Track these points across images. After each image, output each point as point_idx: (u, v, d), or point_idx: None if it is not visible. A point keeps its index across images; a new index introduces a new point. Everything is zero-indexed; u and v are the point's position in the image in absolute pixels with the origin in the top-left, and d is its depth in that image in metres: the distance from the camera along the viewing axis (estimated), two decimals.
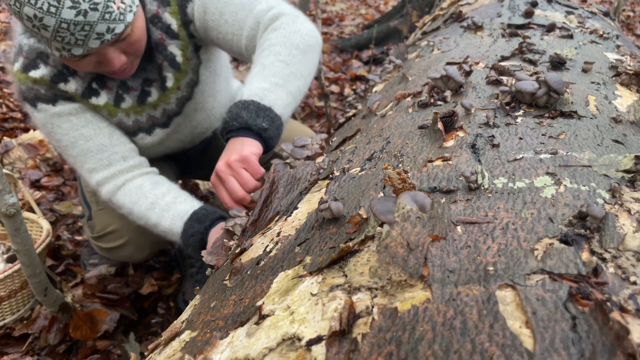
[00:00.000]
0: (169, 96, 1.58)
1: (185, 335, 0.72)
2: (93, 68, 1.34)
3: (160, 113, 1.60)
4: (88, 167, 1.49)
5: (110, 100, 1.49)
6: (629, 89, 1.27)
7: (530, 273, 0.58)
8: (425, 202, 0.71)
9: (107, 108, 1.50)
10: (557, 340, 0.48)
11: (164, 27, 1.46)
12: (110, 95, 1.49)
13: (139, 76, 1.52)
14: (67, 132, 1.45)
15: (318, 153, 1.25)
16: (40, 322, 1.70)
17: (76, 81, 1.43)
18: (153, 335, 1.76)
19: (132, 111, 1.55)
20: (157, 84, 1.55)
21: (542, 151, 0.86)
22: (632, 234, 0.62)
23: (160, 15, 1.45)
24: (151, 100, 1.56)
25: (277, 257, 0.79)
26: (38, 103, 1.42)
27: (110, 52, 1.30)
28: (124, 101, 1.52)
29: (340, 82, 4.06)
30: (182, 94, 1.61)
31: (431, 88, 1.28)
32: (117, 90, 1.50)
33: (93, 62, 1.32)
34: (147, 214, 1.48)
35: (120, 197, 1.50)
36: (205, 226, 1.43)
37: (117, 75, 1.41)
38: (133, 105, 1.54)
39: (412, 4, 4.95)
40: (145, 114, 1.58)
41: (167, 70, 1.53)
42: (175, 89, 1.57)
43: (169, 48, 1.50)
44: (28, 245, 1.34)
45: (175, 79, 1.56)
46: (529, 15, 1.91)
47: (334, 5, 7.06)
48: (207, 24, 1.46)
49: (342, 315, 0.56)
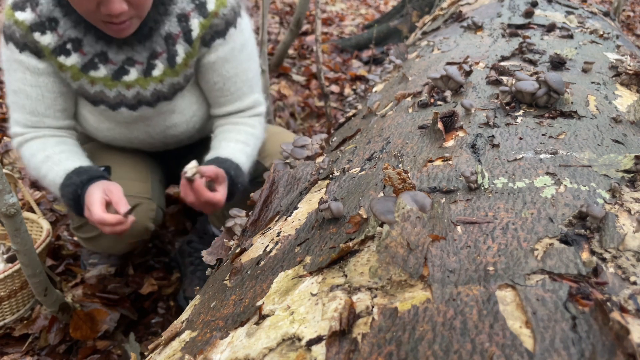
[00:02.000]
0: (149, 82, 1.59)
1: (185, 335, 0.72)
2: (93, 8, 1.33)
3: (132, 95, 1.60)
4: (15, 118, 1.56)
5: (78, 64, 1.51)
6: (629, 89, 1.27)
7: (530, 273, 0.58)
8: (425, 202, 0.71)
9: (72, 70, 1.51)
10: (557, 340, 0.48)
11: (185, 28, 1.53)
12: (81, 59, 1.51)
13: (125, 53, 1.53)
14: (16, 80, 1.51)
15: (318, 153, 1.25)
16: (40, 322, 1.70)
17: (52, 36, 1.45)
18: (153, 335, 1.76)
19: (102, 82, 1.55)
20: (142, 67, 1.56)
21: (542, 151, 0.86)
22: (632, 234, 0.62)
23: (190, 17, 1.53)
24: (127, 79, 1.56)
25: (277, 257, 0.79)
26: (10, 42, 1.46)
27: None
28: (97, 70, 1.53)
29: (340, 82, 4.06)
30: (162, 90, 1.62)
31: (431, 88, 1.28)
32: (93, 57, 1.51)
33: (95, 2, 1.31)
34: (40, 166, 1.53)
35: (26, 148, 1.56)
36: (82, 179, 1.47)
37: (112, 28, 1.41)
38: (105, 77, 1.54)
39: (412, 4, 4.95)
40: (116, 89, 1.58)
41: (161, 60, 1.55)
42: (158, 80, 1.59)
43: (177, 46, 1.55)
44: (28, 245, 1.34)
45: (163, 72, 1.58)
46: (529, 15, 1.91)
47: (334, 5, 7.06)
48: (209, 72, 1.63)
49: (342, 315, 0.56)
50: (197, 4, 1.53)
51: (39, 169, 1.53)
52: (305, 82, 3.96)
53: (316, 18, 2.62)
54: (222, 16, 1.55)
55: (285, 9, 6.11)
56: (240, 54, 1.64)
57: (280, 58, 4.02)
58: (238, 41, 1.62)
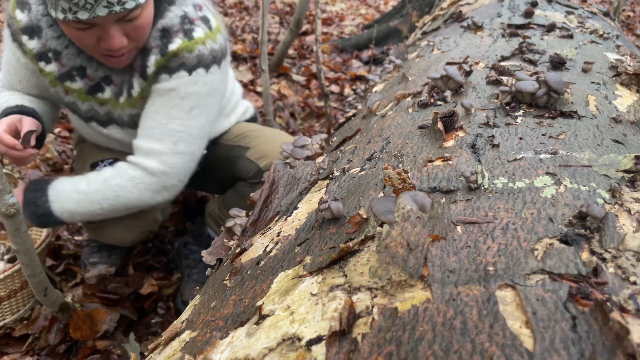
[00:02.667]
0: (117, 106, 1.61)
1: (185, 335, 0.72)
2: (93, 44, 1.36)
3: (103, 112, 1.63)
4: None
5: (56, 72, 1.54)
6: (629, 89, 1.27)
7: (530, 273, 0.58)
8: (425, 202, 0.71)
9: (50, 77, 1.56)
10: (557, 340, 0.48)
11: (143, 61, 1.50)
12: (59, 69, 1.54)
13: (103, 71, 1.56)
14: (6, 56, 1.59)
15: (318, 153, 1.25)
16: (40, 322, 1.70)
17: (37, 42, 1.50)
18: (153, 335, 1.76)
19: (76, 94, 1.59)
20: (115, 88, 1.58)
21: (542, 151, 0.86)
22: (632, 234, 0.62)
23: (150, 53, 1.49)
24: (101, 96, 1.59)
25: (277, 257, 0.79)
26: (8, 29, 1.54)
27: (114, 30, 1.32)
28: (73, 82, 1.56)
29: (340, 82, 4.06)
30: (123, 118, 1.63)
31: (431, 88, 1.28)
32: (71, 70, 1.54)
33: (95, 37, 1.34)
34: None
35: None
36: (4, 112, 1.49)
37: (112, 60, 1.44)
38: (80, 90, 1.58)
39: (412, 4, 4.95)
40: (88, 104, 1.62)
41: (126, 89, 1.58)
42: (122, 107, 1.61)
43: (134, 79, 1.54)
44: (28, 245, 1.34)
45: (125, 102, 1.59)
46: (529, 15, 1.91)
47: (334, 5, 7.06)
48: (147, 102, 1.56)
49: (342, 315, 0.56)
50: (163, 42, 1.48)
51: None
52: (305, 82, 3.96)
53: (316, 18, 2.62)
54: (181, 57, 1.48)
55: (285, 9, 6.11)
56: (175, 99, 1.51)
57: (280, 58, 4.02)
58: (184, 88, 1.50)
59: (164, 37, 1.48)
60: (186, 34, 1.49)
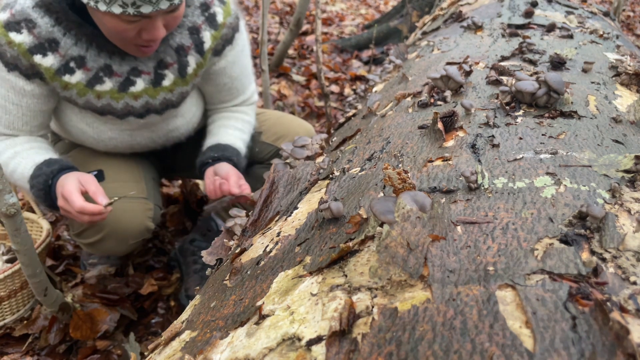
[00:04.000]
0: (158, 92, 1.61)
1: (185, 335, 0.72)
2: (133, 36, 1.36)
3: (140, 104, 1.61)
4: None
5: (84, 80, 1.51)
6: (629, 89, 1.27)
7: (530, 273, 0.58)
8: (425, 202, 0.71)
9: (78, 87, 1.51)
10: (557, 340, 0.48)
11: (197, 40, 1.59)
12: (85, 75, 1.50)
13: (128, 63, 1.54)
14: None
15: (318, 153, 1.25)
16: (40, 322, 1.70)
17: (54, 57, 1.44)
18: (153, 335, 1.76)
19: (108, 95, 1.56)
20: (149, 77, 1.57)
21: (542, 151, 0.86)
22: (632, 234, 0.62)
23: (201, 30, 1.58)
24: (134, 90, 1.57)
25: (277, 257, 0.79)
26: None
27: (159, 21, 1.35)
28: (102, 84, 1.53)
29: (340, 82, 4.06)
30: (172, 98, 1.65)
31: (431, 88, 1.28)
32: (98, 72, 1.51)
33: (137, 29, 1.34)
34: (8, 162, 1.52)
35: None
36: (52, 169, 1.47)
37: (144, 50, 1.45)
38: (111, 89, 1.55)
39: (412, 4, 4.95)
40: (123, 101, 1.59)
41: (171, 70, 1.58)
42: (168, 89, 1.61)
43: (188, 57, 1.60)
44: (28, 245, 1.34)
45: (173, 82, 1.61)
46: (529, 15, 1.91)
47: (334, 5, 7.06)
48: (219, 76, 1.73)
49: (342, 315, 0.56)
50: (207, 17, 1.59)
51: (7, 165, 1.52)
52: (305, 82, 3.96)
53: (316, 18, 2.62)
54: (229, 24, 1.64)
55: (285, 9, 6.11)
56: (242, 54, 1.74)
57: (280, 58, 4.02)
58: (241, 43, 1.72)
59: (206, 10, 1.58)
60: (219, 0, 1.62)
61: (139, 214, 1.66)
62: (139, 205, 1.67)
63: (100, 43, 1.46)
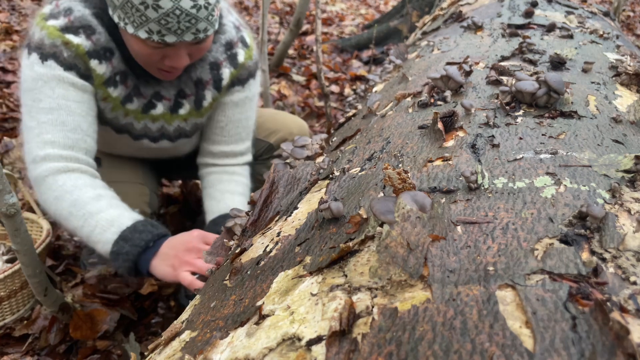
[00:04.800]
0: (174, 119, 1.65)
1: (185, 335, 0.72)
2: (157, 60, 1.38)
3: (156, 128, 1.65)
4: (47, 138, 1.36)
5: (121, 96, 1.52)
6: (629, 89, 1.27)
7: (530, 273, 0.58)
8: (425, 202, 0.71)
9: (115, 102, 1.52)
10: (557, 340, 0.48)
11: (216, 76, 1.62)
12: (124, 91, 1.52)
13: (152, 87, 1.56)
14: (56, 97, 1.36)
15: (318, 153, 1.25)
16: (40, 322, 1.70)
17: (107, 66, 1.44)
18: (153, 335, 1.76)
19: (133, 115, 1.58)
20: (169, 103, 1.61)
21: (542, 151, 0.86)
22: (632, 234, 0.62)
23: (222, 66, 1.61)
24: (154, 112, 1.60)
25: (277, 257, 0.79)
26: (50, 60, 1.35)
27: (183, 50, 1.37)
28: (132, 103, 1.55)
29: (340, 82, 4.06)
30: (185, 128, 1.69)
31: (431, 88, 1.28)
32: (132, 90, 1.53)
33: (160, 55, 1.36)
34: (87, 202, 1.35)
35: (62, 180, 1.35)
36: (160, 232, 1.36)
37: (167, 75, 1.47)
38: (136, 110, 1.57)
39: (412, 4, 4.95)
40: (143, 122, 1.61)
41: (188, 101, 1.63)
42: (182, 118, 1.66)
43: (206, 91, 1.63)
44: (28, 245, 1.34)
45: (189, 113, 1.65)
46: (529, 15, 1.91)
47: (334, 5, 7.05)
48: (217, 111, 1.71)
49: (342, 315, 0.56)
50: (229, 55, 1.62)
51: (87, 203, 1.34)
52: (305, 82, 3.96)
53: (316, 18, 2.62)
54: (248, 67, 1.67)
55: (285, 9, 6.11)
56: (249, 103, 1.75)
57: (280, 58, 4.02)
58: (253, 90, 1.74)
59: (229, 49, 1.61)
60: (243, 43, 1.65)
61: (136, 198, 1.67)
62: (135, 190, 1.69)
63: (133, 64, 1.48)
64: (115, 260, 1.33)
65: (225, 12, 1.61)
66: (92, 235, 1.34)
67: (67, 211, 1.34)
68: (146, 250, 1.34)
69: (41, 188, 1.37)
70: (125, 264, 1.33)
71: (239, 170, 1.81)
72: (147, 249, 1.34)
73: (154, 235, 1.35)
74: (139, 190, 1.72)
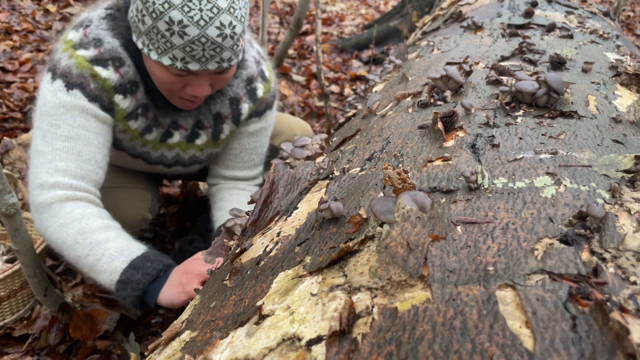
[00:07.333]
0: (189, 147, 1.66)
1: (185, 335, 0.72)
2: (178, 88, 1.37)
3: (171, 155, 1.66)
4: (60, 166, 1.34)
5: (140, 127, 1.52)
6: (629, 89, 1.27)
7: (530, 273, 0.58)
8: (425, 202, 0.71)
9: (133, 133, 1.53)
10: (557, 340, 0.48)
11: (235, 111, 1.62)
12: (144, 123, 1.52)
13: (170, 116, 1.56)
14: (76, 126, 1.35)
15: (318, 153, 1.25)
16: (40, 322, 1.70)
17: (130, 100, 1.42)
18: (153, 335, 1.76)
19: (151, 144, 1.59)
20: (186, 132, 1.62)
21: (542, 151, 0.86)
22: (632, 234, 0.62)
23: (241, 102, 1.62)
24: (171, 141, 1.61)
25: (277, 257, 0.79)
26: (76, 89, 1.34)
27: (205, 79, 1.36)
28: (150, 133, 1.56)
29: (340, 82, 4.06)
30: (200, 157, 1.71)
31: (431, 88, 1.28)
32: (151, 122, 1.53)
33: (182, 83, 1.35)
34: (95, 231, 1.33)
35: (69, 207, 1.33)
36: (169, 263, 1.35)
37: (187, 104, 1.45)
38: (155, 139, 1.59)
39: (412, 4, 4.95)
40: (160, 151, 1.63)
41: (206, 133, 1.64)
42: (198, 148, 1.67)
43: (224, 125, 1.64)
44: (28, 245, 1.34)
45: (205, 143, 1.67)
46: (529, 15, 1.91)
47: (334, 5, 7.05)
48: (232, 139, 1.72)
49: (342, 315, 0.56)
50: (249, 90, 1.62)
51: (93, 232, 1.32)
52: (305, 82, 3.96)
53: (316, 18, 2.62)
54: (265, 100, 1.68)
55: (285, 9, 6.11)
56: (264, 132, 1.76)
57: (280, 58, 4.01)
58: (269, 121, 1.74)
59: (249, 85, 1.61)
60: (262, 77, 1.65)
61: (137, 203, 1.67)
62: (136, 196, 1.69)
63: (154, 95, 1.47)
64: (123, 289, 1.31)
65: (248, 45, 1.60)
66: (97, 265, 1.32)
67: (72, 239, 1.31)
68: (156, 280, 1.33)
69: (44, 215, 1.34)
70: (134, 294, 1.31)
71: (251, 188, 1.83)
72: (157, 278, 1.33)
73: (165, 265, 1.35)
74: (140, 196, 1.72)
